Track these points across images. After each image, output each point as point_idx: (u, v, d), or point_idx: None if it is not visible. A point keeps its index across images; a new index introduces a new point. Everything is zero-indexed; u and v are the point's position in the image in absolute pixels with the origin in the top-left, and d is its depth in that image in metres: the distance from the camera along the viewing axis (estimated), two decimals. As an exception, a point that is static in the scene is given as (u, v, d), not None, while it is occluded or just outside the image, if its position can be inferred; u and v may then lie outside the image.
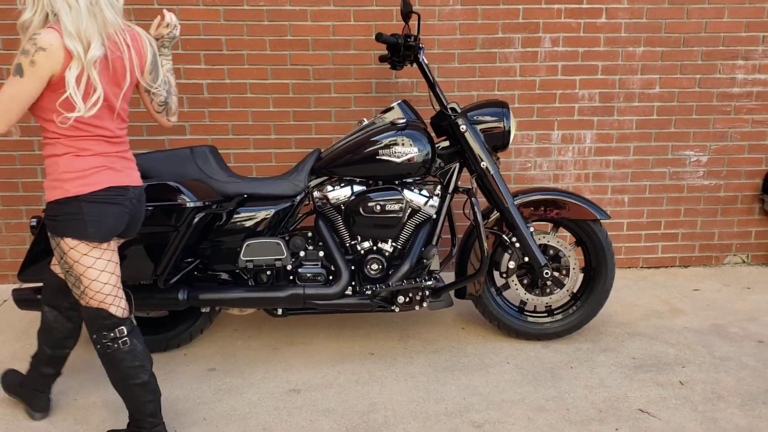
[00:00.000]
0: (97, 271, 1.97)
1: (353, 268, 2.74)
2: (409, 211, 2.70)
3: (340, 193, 2.71)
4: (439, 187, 2.76)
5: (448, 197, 2.79)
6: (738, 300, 3.44)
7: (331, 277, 2.74)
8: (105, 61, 1.89)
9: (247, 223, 2.67)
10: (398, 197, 2.66)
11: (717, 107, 3.72)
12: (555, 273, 2.85)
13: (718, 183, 3.83)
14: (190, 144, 3.04)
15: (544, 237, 2.87)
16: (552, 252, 2.88)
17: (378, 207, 2.65)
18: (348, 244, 2.75)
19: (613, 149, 3.74)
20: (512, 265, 2.84)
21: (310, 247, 2.76)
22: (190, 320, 2.86)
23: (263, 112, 3.54)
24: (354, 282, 2.74)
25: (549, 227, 2.96)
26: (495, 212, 2.85)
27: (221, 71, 3.46)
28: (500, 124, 2.75)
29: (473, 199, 2.71)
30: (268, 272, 2.74)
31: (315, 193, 2.74)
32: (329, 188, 2.73)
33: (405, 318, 3.21)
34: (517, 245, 2.81)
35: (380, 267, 2.72)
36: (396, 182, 2.72)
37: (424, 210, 2.72)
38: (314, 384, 2.62)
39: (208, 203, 2.53)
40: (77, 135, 1.90)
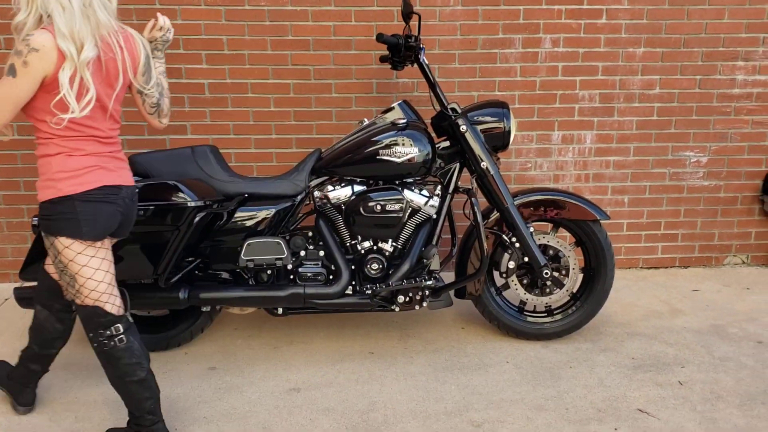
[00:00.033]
0: (92, 270, 1.98)
1: (353, 268, 2.75)
2: (410, 211, 2.70)
3: (341, 193, 2.72)
4: (440, 187, 2.77)
5: (449, 197, 2.80)
6: (737, 300, 3.44)
7: (332, 277, 2.75)
8: (98, 62, 1.91)
9: (248, 223, 2.68)
10: (398, 197, 2.67)
11: (717, 108, 3.72)
12: (555, 273, 2.85)
13: (718, 184, 3.84)
14: (192, 143, 3.05)
15: (544, 237, 2.87)
16: (552, 252, 2.88)
17: (378, 207, 2.66)
18: (348, 244, 2.76)
19: (614, 150, 3.75)
20: (512, 265, 2.85)
21: (311, 247, 2.77)
22: (191, 319, 2.87)
23: (264, 112, 3.55)
24: (354, 281, 2.74)
25: (549, 227, 2.96)
26: (495, 212, 2.86)
27: (222, 71, 3.46)
28: (500, 125, 2.76)
29: (473, 199, 2.72)
30: (269, 271, 2.75)
31: (315, 193, 2.75)
32: (330, 188, 2.74)
33: (405, 317, 3.22)
34: (517, 245, 2.81)
35: (380, 267, 2.73)
36: (396, 182, 2.73)
37: (425, 210, 2.72)
38: (314, 383, 2.62)
39: (209, 203, 2.54)
40: (70, 135, 1.91)
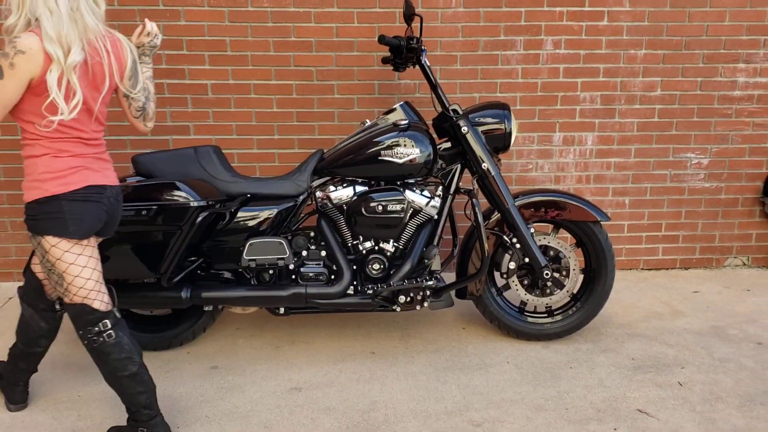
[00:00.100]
0: (79, 267, 2.01)
1: (355, 268, 2.76)
2: (411, 212, 2.72)
3: (343, 194, 2.73)
4: (441, 188, 2.78)
5: (450, 198, 2.81)
6: (738, 302, 3.45)
7: (333, 277, 2.76)
8: (85, 66, 1.94)
9: (250, 223, 2.70)
10: (400, 198, 2.68)
11: (718, 110, 3.73)
12: (555, 274, 2.86)
13: (719, 185, 3.85)
14: (194, 144, 3.07)
15: (545, 238, 2.88)
16: (552, 253, 2.89)
17: (380, 207, 2.67)
18: (350, 244, 2.77)
19: (614, 151, 3.76)
20: (513, 266, 2.86)
21: (313, 247, 2.78)
22: (193, 319, 2.88)
23: (267, 113, 3.56)
24: (356, 281, 2.75)
25: (549, 228, 2.97)
26: (496, 213, 2.86)
27: (225, 72, 3.48)
28: (501, 126, 2.77)
29: (474, 200, 2.73)
30: (271, 271, 2.76)
31: (317, 193, 2.76)
32: (332, 188, 2.75)
33: (406, 318, 3.23)
34: (518, 246, 2.82)
35: (382, 267, 2.74)
36: (398, 183, 2.74)
37: (426, 210, 2.73)
38: (316, 382, 2.64)
39: (212, 202, 2.55)
40: (56, 137, 1.95)
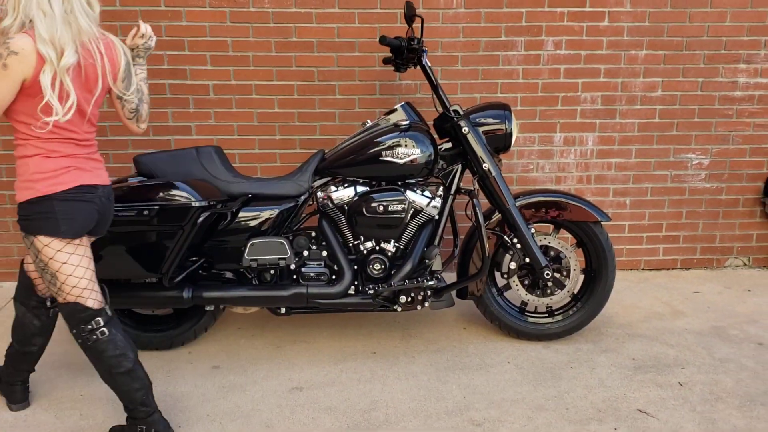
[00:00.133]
0: (72, 267, 2.03)
1: (356, 268, 2.77)
2: (412, 212, 2.72)
3: (344, 194, 2.74)
4: (442, 188, 2.78)
5: (451, 198, 2.81)
6: (738, 302, 3.45)
7: (334, 277, 2.77)
8: (78, 68, 1.95)
9: (252, 223, 2.70)
10: (401, 198, 2.69)
11: (719, 110, 3.74)
12: (556, 274, 2.87)
13: (720, 186, 3.85)
14: (196, 144, 3.08)
15: (545, 238, 2.89)
16: (553, 253, 2.90)
17: (381, 207, 2.68)
18: (351, 244, 2.78)
19: (615, 152, 3.76)
20: (513, 266, 2.87)
21: (314, 247, 2.79)
22: (195, 318, 2.89)
23: (268, 113, 3.57)
24: (357, 281, 2.76)
25: (550, 229, 2.98)
26: (497, 213, 2.87)
27: (227, 72, 3.49)
28: (502, 127, 2.78)
29: (475, 200, 2.74)
30: (272, 271, 2.76)
31: (319, 194, 2.77)
32: (333, 188, 2.75)
33: (407, 317, 3.24)
34: (519, 246, 2.83)
35: (383, 267, 2.75)
36: (399, 183, 2.75)
37: (427, 211, 2.74)
38: (317, 382, 2.64)
39: (213, 203, 2.56)
40: (48, 137, 1.96)
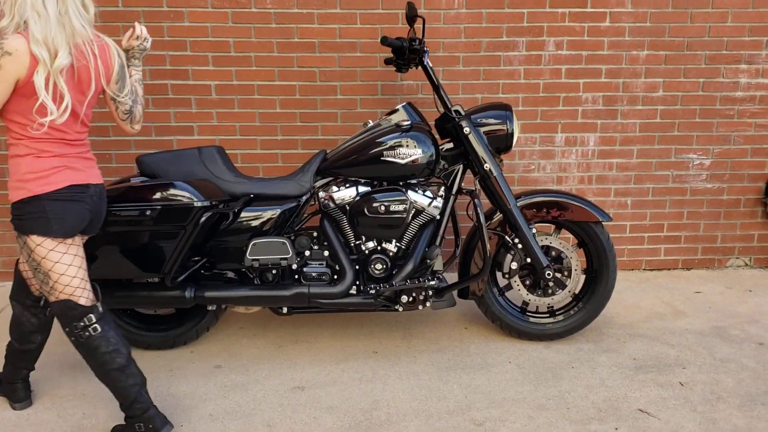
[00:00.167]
0: (65, 266, 2.05)
1: (357, 268, 2.77)
2: (413, 212, 2.73)
3: (345, 194, 2.75)
4: (443, 189, 2.78)
5: (452, 198, 2.82)
6: (739, 303, 3.46)
7: (336, 277, 2.77)
8: (71, 70, 1.98)
9: (254, 223, 2.71)
10: (402, 198, 2.69)
11: (720, 111, 3.74)
12: (557, 274, 2.87)
13: (721, 186, 3.85)
14: (198, 144, 3.09)
15: (547, 238, 2.89)
16: (554, 253, 2.90)
17: (382, 207, 2.69)
18: (352, 244, 2.78)
19: (617, 152, 3.76)
20: (515, 266, 2.87)
21: (315, 247, 2.79)
22: (197, 318, 2.90)
23: (270, 113, 3.58)
24: (358, 281, 2.77)
25: (551, 229, 2.98)
26: (498, 213, 2.87)
27: (229, 73, 3.50)
28: (503, 127, 2.78)
29: (476, 201, 2.74)
30: (274, 271, 2.77)
31: (320, 194, 2.78)
32: (334, 189, 2.76)
33: (408, 317, 3.24)
34: (520, 246, 2.83)
35: (384, 267, 2.75)
36: (400, 183, 2.75)
37: (428, 211, 2.75)
38: (318, 381, 2.65)
39: (215, 203, 2.57)
40: (39, 137, 1.98)
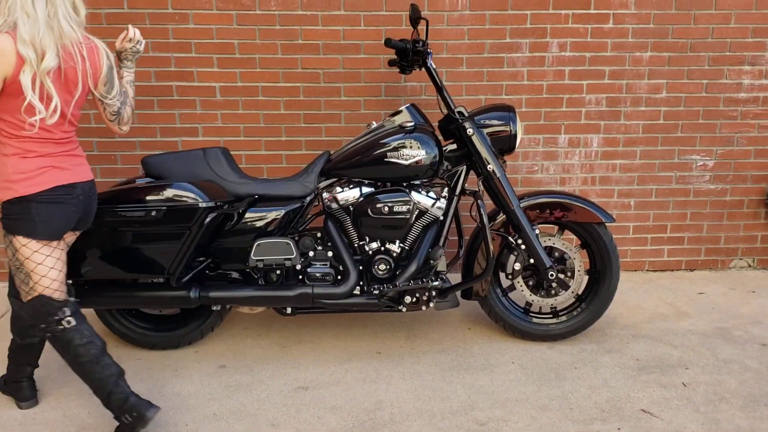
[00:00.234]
0: (47, 268, 2.07)
1: (361, 269, 2.78)
2: (417, 213, 2.74)
3: (349, 195, 2.76)
4: (446, 189, 2.79)
5: (455, 199, 2.83)
6: (743, 303, 3.46)
7: (340, 277, 2.78)
8: (58, 71, 2.00)
9: (258, 224, 2.72)
10: (406, 199, 2.71)
11: (723, 112, 3.74)
12: (560, 275, 2.88)
13: (725, 187, 3.85)
14: (203, 145, 3.11)
15: (550, 239, 2.90)
16: (557, 254, 2.91)
17: (386, 208, 2.70)
18: (356, 245, 2.80)
19: (620, 153, 3.77)
20: (518, 267, 2.88)
21: (319, 248, 2.81)
22: (202, 318, 2.91)
23: (274, 115, 3.59)
24: (362, 282, 2.78)
25: (555, 230, 2.99)
26: (501, 214, 2.88)
27: (233, 74, 3.52)
28: (507, 128, 2.79)
29: (479, 202, 2.75)
30: (278, 272, 2.78)
31: (324, 195, 2.79)
32: (338, 189, 2.77)
33: (412, 318, 3.25)
34: (523, 247, 2.84)
35: (388, 267, 2.76)
36: (404, 184, 2.76)
37: (432, 211, 2.76)
38: (322, 381, 2.66)
39: (220, 203, 2.59)
40: (25, 137, 2.00)
